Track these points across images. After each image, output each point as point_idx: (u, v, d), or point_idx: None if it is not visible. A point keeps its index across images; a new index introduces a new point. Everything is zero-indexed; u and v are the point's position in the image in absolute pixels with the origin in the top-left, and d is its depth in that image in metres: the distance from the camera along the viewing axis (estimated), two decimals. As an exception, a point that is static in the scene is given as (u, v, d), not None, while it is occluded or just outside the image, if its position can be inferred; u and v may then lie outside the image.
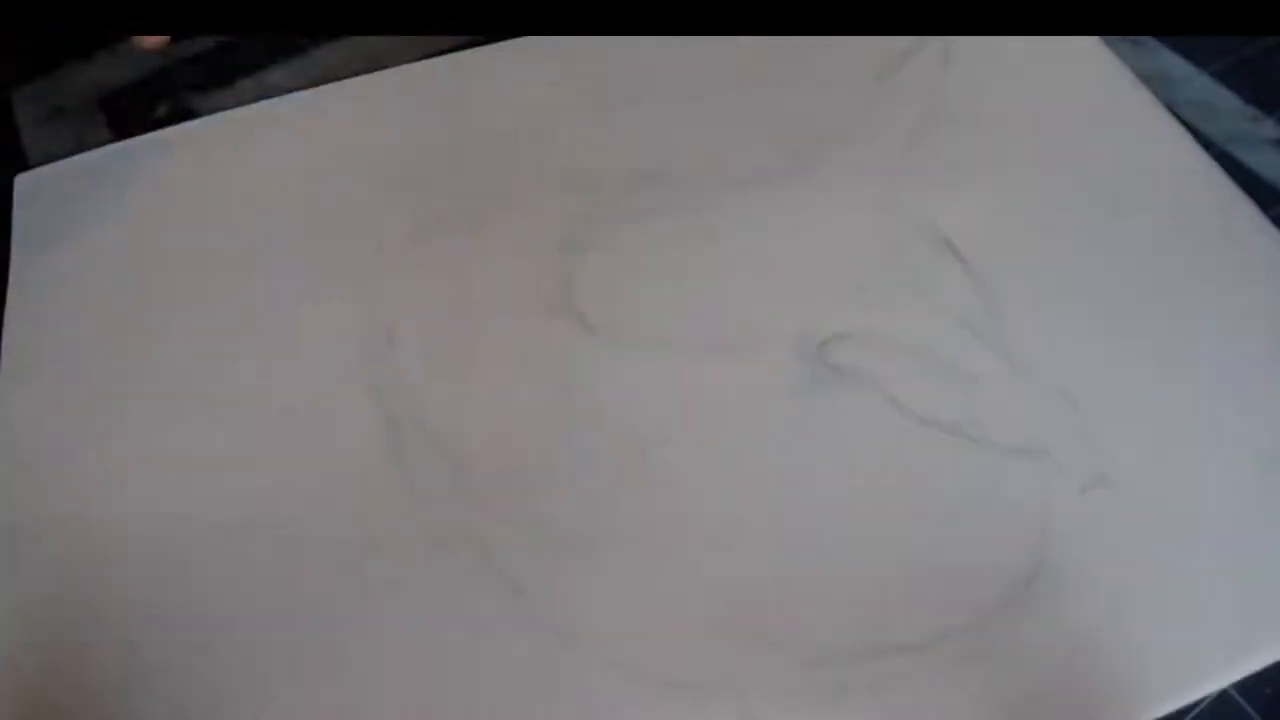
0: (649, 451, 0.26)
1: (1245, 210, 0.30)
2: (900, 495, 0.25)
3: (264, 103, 0.32)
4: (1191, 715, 0.23)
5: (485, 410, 0.26)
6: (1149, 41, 0.35)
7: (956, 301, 0.28)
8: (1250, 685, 0.23)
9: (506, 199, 0.31)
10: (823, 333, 0.28)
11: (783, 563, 0.24)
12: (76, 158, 0.32)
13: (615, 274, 0.29)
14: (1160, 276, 0.29)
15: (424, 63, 0.33)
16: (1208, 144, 0.32)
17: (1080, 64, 0.34)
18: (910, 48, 0.34)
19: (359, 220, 0.30)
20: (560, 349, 0.28)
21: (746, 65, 0.31)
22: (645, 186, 0.31)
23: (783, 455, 0.26)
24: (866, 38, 0.34)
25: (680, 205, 0.30)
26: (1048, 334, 0.28)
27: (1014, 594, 0.23)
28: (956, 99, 0.33)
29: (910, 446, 0.26)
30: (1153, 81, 0.33)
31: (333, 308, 0.28)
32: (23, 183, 0.31)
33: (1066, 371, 0.27)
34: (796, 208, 0.30)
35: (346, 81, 0.33)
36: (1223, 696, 0.23)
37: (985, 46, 0.34)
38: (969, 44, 0.34)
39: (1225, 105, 0.34)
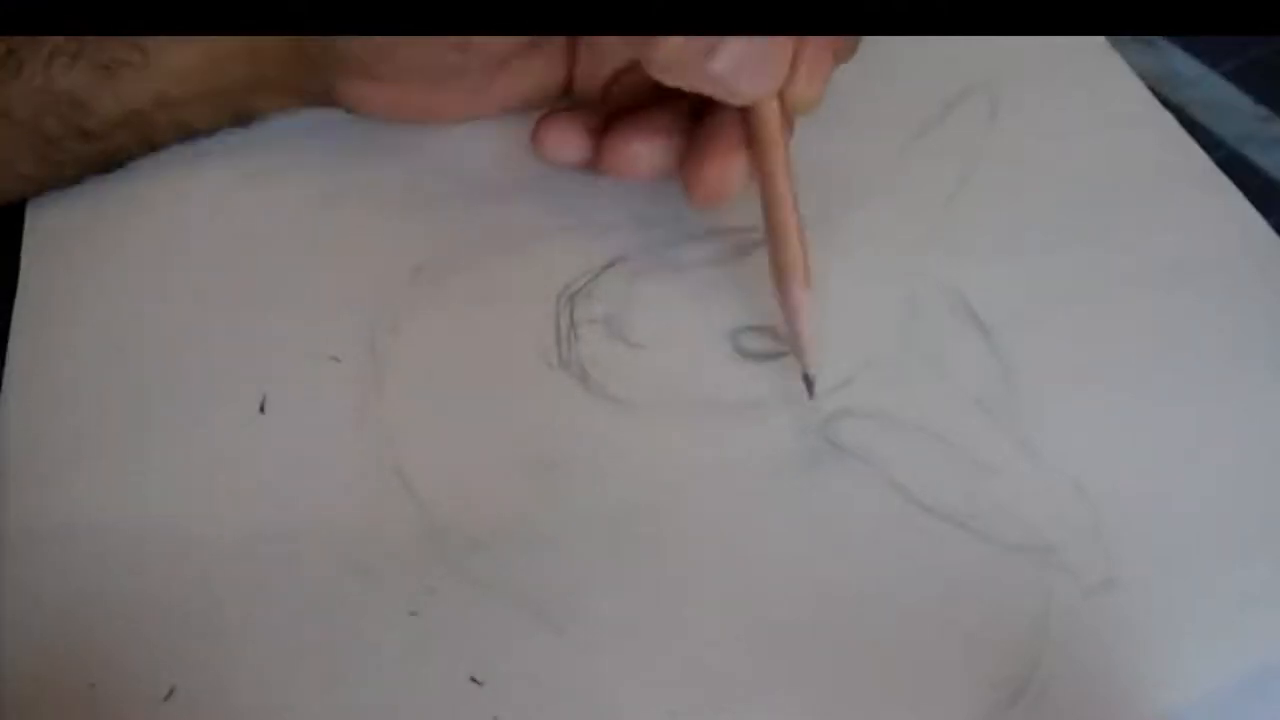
0: (629, 521, 0.25)
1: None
2: (889, 586, 0.24)
3: (271, 128, 0.31)
4: None
5: (468, 465, 0.26)
6: (1159, 41, 0.35)
7: (975, 380, 0.27)
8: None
9: (513, 241, 0.30)
10: (829, 407, 0.26)
11: (756, 648, 0.23)
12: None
13: (617, 330, 0.28)
14: (1205, 364, 0.27)
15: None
16: (1219, 145, 0.31)
17: (1143, 126, 0.32)
18: (955, 99, 0.32)
19: (362, 253, 0.29)
20: (554, 406, 0.27)
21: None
22: (652, 239, 0.30)
23: (769, 533, 0.25)
24: (909, 87, 0.32)
25: (691, 263, 0.29)
26: (1070, 419, 0.26)
27: (994, 713, 0.22)
28: (1001, 156, 0.31)
29: (907, 535, 0.25)
30: (1163, 82, 0.33)
31: (331, 338, 0.28)
32: (36, 200, 0.31)
33: (1084, 462, 0.25)
34: (813, 272, 0.28)
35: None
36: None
37: (1037, 99, 0.32)
38: (1019, 96, 0.32)
39: (1237, 105, 0.33)
